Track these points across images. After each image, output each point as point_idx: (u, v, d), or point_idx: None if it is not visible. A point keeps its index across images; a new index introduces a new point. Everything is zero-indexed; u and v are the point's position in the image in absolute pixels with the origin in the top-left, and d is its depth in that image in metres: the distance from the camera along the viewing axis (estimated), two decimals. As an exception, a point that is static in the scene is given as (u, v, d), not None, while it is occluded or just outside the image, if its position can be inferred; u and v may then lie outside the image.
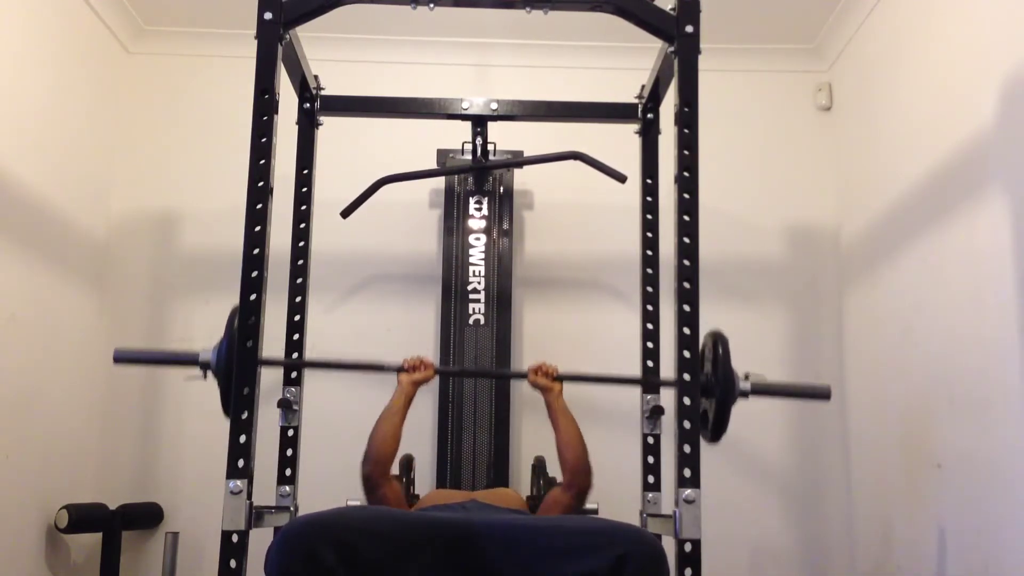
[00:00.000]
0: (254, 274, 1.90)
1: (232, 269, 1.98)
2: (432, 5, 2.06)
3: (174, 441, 3.07)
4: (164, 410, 3.09)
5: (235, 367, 1.87)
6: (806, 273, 3.24)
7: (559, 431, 2.20)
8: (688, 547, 1.78)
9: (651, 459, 2.51)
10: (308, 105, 2.64)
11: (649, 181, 2.66)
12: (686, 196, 1.95)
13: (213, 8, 3.15)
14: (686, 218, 1.94)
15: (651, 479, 2.49)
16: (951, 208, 2.39)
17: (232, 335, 1.93)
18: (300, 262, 2.56)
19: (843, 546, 3.04)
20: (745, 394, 1.97)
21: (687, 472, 1.82)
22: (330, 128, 2.73)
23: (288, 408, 2.45)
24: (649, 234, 2.63)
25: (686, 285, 1.91)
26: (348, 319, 3.13)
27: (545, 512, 2.20)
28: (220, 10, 3.15)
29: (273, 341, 2.22)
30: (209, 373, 1.98)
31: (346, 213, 2.63)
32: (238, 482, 1.79)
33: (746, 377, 1.98)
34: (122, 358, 2.10)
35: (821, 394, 2.09)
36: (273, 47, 1.98)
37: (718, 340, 1.98)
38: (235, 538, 1.78)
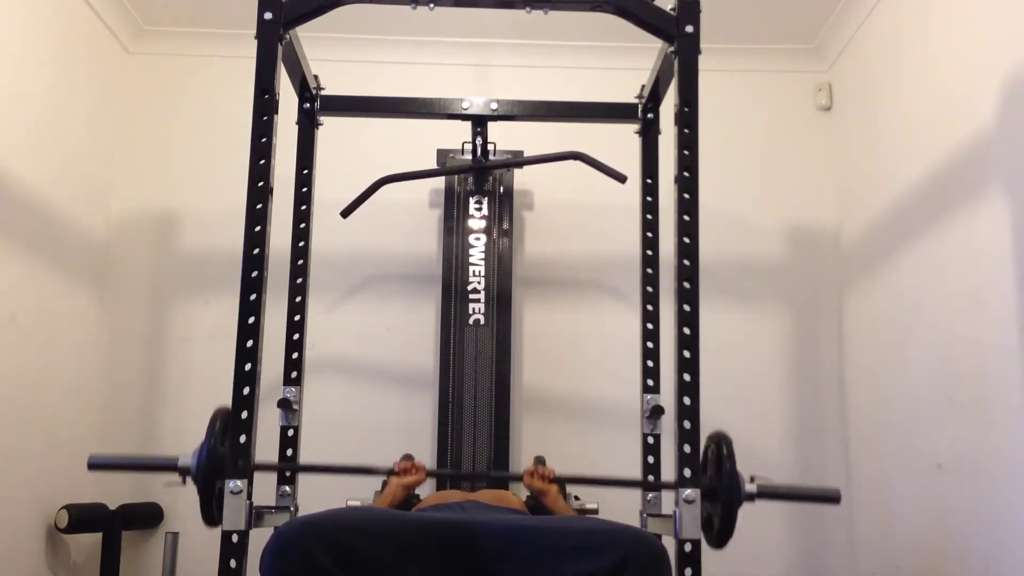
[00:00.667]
0: (254, 274, 1.90)
1: (232, 269, 1.98)
2: (432, 5, 2.06)
3: (174, 441, 3.06)
4: (164, 410, 3.09)
5: (235, 366, 1.87)
6: (806, 273, 3.24)
7: None
8: (688, 547, 1.78)
9: (651, 459, 2.51)
10: (308, 105, 2.64)
11: (649, 181, 2.66)
12: (686, 196, 1.95)
13: (213, 8, 3.15)
14: (686, 218, 1.94)
15: (651, 479, 2.49)
16: (951, 208, 2.39)
17: (213, 440, 1.83)
18: (300, 262, 2.56)
19: (843, 546, 3.04)
20: (751, 497, 1.89)
21: (687, 472, 1.82)
22: (330, 128, 2.73)
23: (288, 408, 2.45)
24: (649, 234, 2.63)
25: (686, 285, 1.91)
26: (348, 319, 3.13)
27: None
28: (220, 10, 3.15)
29: (273, 341, 2.21)
30: (188, 479, 1.84)
31: (346, 213, 2.64)
32: (238, 482, 1.79)
33: (751, 480, 1.92)
34: (97, 464, 1.94)
35: (830, 498, 1.99)
36: (273, 47, 1.98)
37: (722, 442, 1.90)
38: (235, 538, 1.78)
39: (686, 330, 1.89)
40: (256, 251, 1.91)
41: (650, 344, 2.57)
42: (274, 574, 1.53)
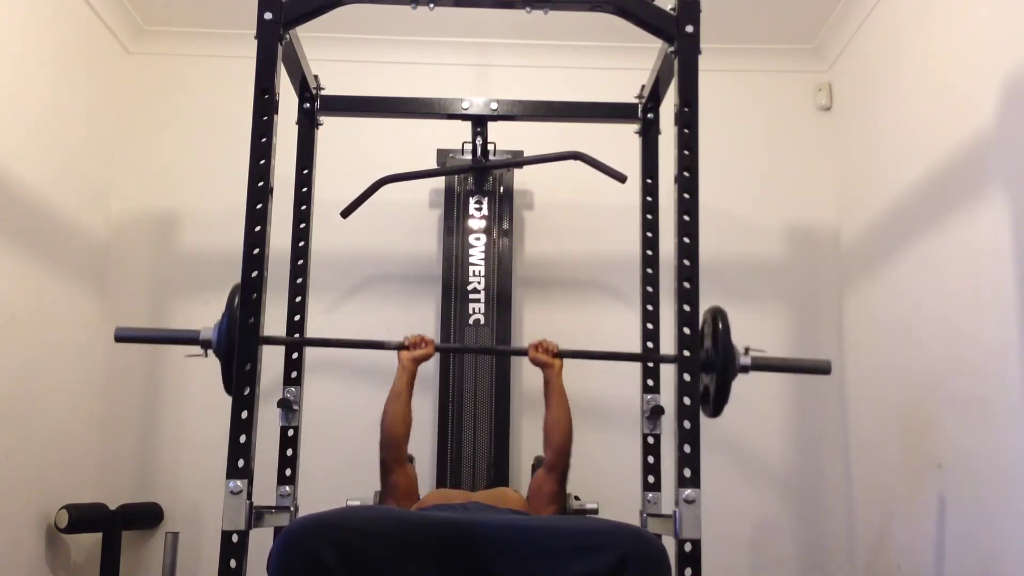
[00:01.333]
0: (254, 274, 1.90)
1: (232, 269, 1.99)
2: (432, 5, 2.06)
3: (174, 441, 3.07)
4: (164, 410, 3.09)
5: (235, 366, 1.87)
6: (806, 273, 3.24)
7: (551, 409, 2.25)
8: (688, 547, 1.78)
9: (651, 459, 2.51)
10: (308, 105, 2.64)
11: (649, 181, 2.66)
12: (686, 196, 1.95)
13: (213, 8, 3.15)
14: (686, 218, 1.95)
15: (651, 479, 2.49)
16: (951, 208, 2.39)
17: (233, 312, 1.95)
18: (300, 262, 2.56)
19: (843, 546, 3.04)
20: (745, 369, 1.98)
21: (687, 472, 1.82)
22: (330, 128, 2.73)
23: (288, 408, 2.45)
24: (649, 234, 2.63)
25: (686, 285, 1.92)
26: (348, 319, 3.12)
27: (533, 497, 2.25)
28: (220, 10, 3.15)
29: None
30: (210, 352, 2.01)
31: (346, 213, 2.64)
32: (238, 482, 1.79)
33: (746, 351, 1.99)
34: (123, 337, 2.14)
35: (821, 369, 2.10)
36: (273, 47, 1.98)
37: (718, 315, 2.00)
38: (235, 538, 1.79)
39: (686, 330, 1.90)
40: (256, 251, 1.91)
41: (650, 344, 2.57)
42: (280, 572, 1.53)
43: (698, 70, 2.00)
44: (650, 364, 2.56)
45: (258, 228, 1.92)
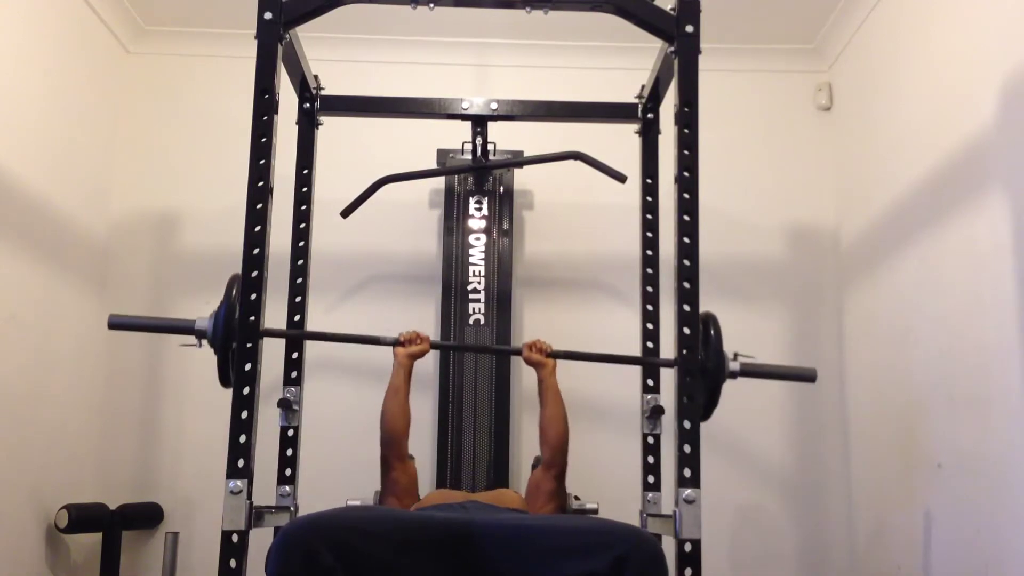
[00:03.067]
0: (254, 274, 1.90)
1: (232, 269, 1.99)
2: (432, 5, 2.06)
3: (174, 441, 3.07)
4: (164, 410, 3.09)
5: (235, 367, 1.87)
6: (806, 273, 3.24)
7: (545, 408, 2.27)
8: (688, 547, 1.78)
9: (651, 459, 2.50)
10: (308, 105, 2.64)
11: (649, 181, 2.66)
12: (686, 196, 1.95)
13: (213, 8, 3.15)
14: (686, 218, 1.95)
15: (651, 479, 2.49)
16: (951, 208, 2.39)
17: (231, 302, 1.93)
18: (300, 262, 2.56)
19: (843, 546, 3.04)
20: (734, 374, 2.00)
21: (687, 472, 1.82)
22: (330, 128, 2.73)
23: (288, 408, 2.45)
24: (649, 234, 2.63)
25: (686, 285, 1.92)
26: (348, 319, 3.12)
27: (531, 495, 2.26)
28: (220, 10, 3.15)
29: (273, 341, 2.22)
30: (204, 342, 1.98)
31: (346, 213, 2.64)
32: (238, 482, 1.79)
33: (735, 357, 2.00)
34: (117, 324, 2.11)
35: (806, 377, 2.14)
36: (273, 47, 1.98)
37: (710, 321, 2.02)
38: (235, 538, 1.79)
39: (686, 330, 1.90)
40: (256, 251, 1.91)
41: (650, 344, 2.57)
42: (277, 572, 1.53)
43: (698, 70, 2.00)
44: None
45: (258, 228, 1.92)
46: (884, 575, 2.75)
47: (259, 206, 1.93)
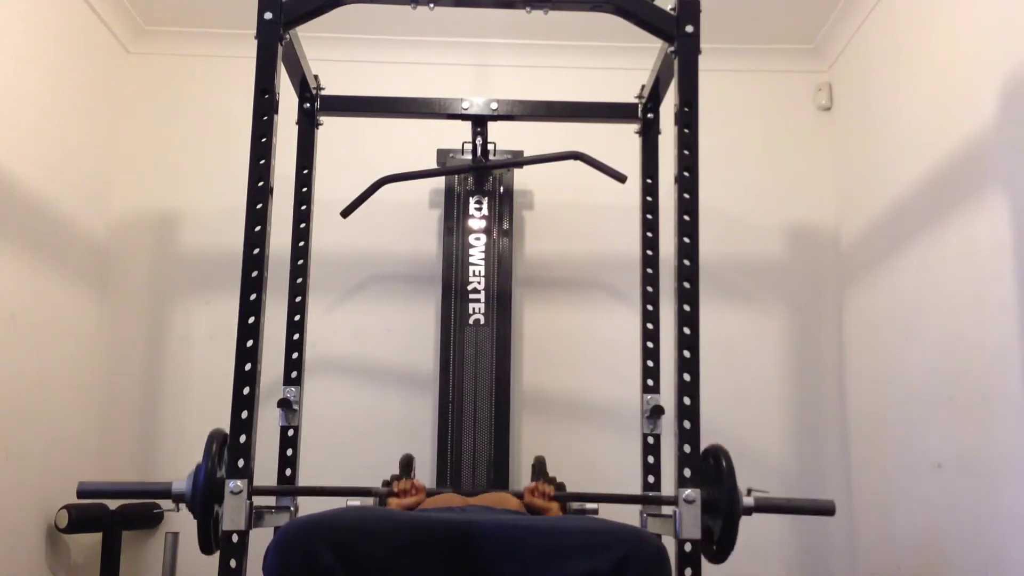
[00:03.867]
0: (254, 274, 1.90)
1: (232, 269, 1.99)
2: (432, 5, 2.06)
3: (174, 441, 3.07)
4: (164, 410, 3.09)
5: (235, 366, 1.86)
6: (806, 273, 3.24)
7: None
8: (688, 547, 1.78)
9: (651, 459, 2.50)
10: (308, 105, 2.64)
11: (649, 181, 2.66)
12: (686, 196, 1.95)
13: (213, 8, 3.15)
14: (686, 218, 1.94)
15: (651, 479, 2.49)
16: (951, 208, 2.39)
17: (211, 462, 1.77)
18: (300, 262, 2.56)
19: (843, 546, 3.04)
20: (748, 511, 1.87)
21: (687, 472, 1.82)
22: (330, 128, 2.73)
23: (288, 408, 2.45)
24: (649, 234, 2.63)
25: (686, 285, 1.91)
26: (348, 319, 3.13)
27: (531, 493, 2.21)
28: (220, 10, 3.15)
29: (273, 341, 2.22)
30: (183, 506, 1.81)
31: (346, 213, 2.64)
32: (238, 482, 1.79)
33: (748, 493, 1.89)
34: (87, 492, 1.91)
35: (824, 510, 1.99)
36: (273, 47, 1.98)
37: (720, 455, 1.89)
38: (235, 538, 1.78)
39: (686, 330, 1.90)
40: (256, 251, 1.91)
41: (650, 344, 2.57)
42: (276, 572, 1.52)
43: (698, 70, 2.00)
44: (650, 363, 2.56)
45: (258, 228, 1.92)
46: (884, 575, 2.75)
47: (259, 206, 1.93)
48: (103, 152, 3.16)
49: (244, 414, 1.84)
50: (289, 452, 2.43)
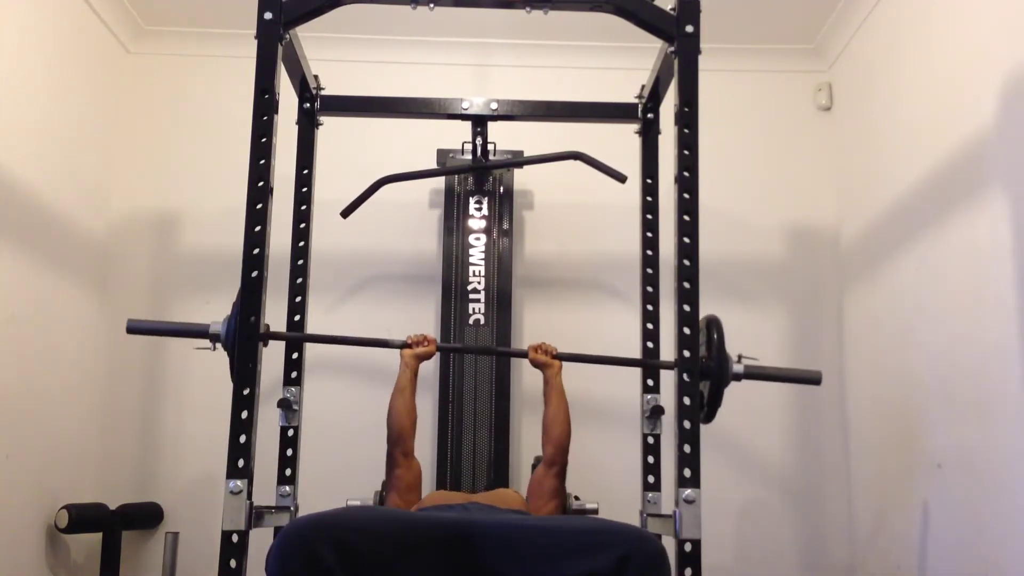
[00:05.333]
0: (254, 274, 1.90)
1: (232, 269, 1.99)
2: (432, 5, 2.07)
3: (174, 441, 3.07)
4: (164, 410, 3.09)
5: (235, 367, 1.87)
6: (806, 273, 3.24)
7: (549, 406, 2.31)
8: (688, 547, 1.78)
9: (651, 459, 2.51)
10: (308, 105, 2.64)
11: (649, 181, 2.66)
12: (686, 196, 1.96)
13: (213, 8, 3.15)
14: (686, 218, 1.95)
15: (651, 479, 2.49)
16: (951, 208, 2.39)
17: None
18: (300, 262, 2.56)
19: (843, 546, 3.04)
20: (738, 377, 2.01)
21: (687, 472, 1.82)
22: (330, 128, 2.73)
23: (288, 408, 2.45)
24: (649, 234, 2.63)
25: (686, 285, 1.92)
26: (348, 319, 3.12)
27: (532, 494, 2.28)
28: (220, 10, 3.15)
29: (272, 341, 2.22)
30: (218, 345, 2.04)
31: (346, 213, 2.64)
32: (238, 482, 1.79)
33: (739, 359, 2.01)
34: (136, 328, 2.19)
35: (811, 379, 2.14)
36: (273, 47, 1.99)
37: (712, 324, 2.02)
38: (235, 538, 1.79)
39: (686, 330, 1.90)
40: (256, 251, 1.91)
41: (650, 344, 2.57)
42: (278, 572, 1.53)
43: (698, 70, 2.00)
44: (650, 364, 2.56)
45: (258, 228, 1.92)
46: (884, 575, 2.75)
47: (259, 206, 1.93)
48: (103, 152, 3.16)
49: (244, 414, 1.84)
50: (289, 452, 2.43)
